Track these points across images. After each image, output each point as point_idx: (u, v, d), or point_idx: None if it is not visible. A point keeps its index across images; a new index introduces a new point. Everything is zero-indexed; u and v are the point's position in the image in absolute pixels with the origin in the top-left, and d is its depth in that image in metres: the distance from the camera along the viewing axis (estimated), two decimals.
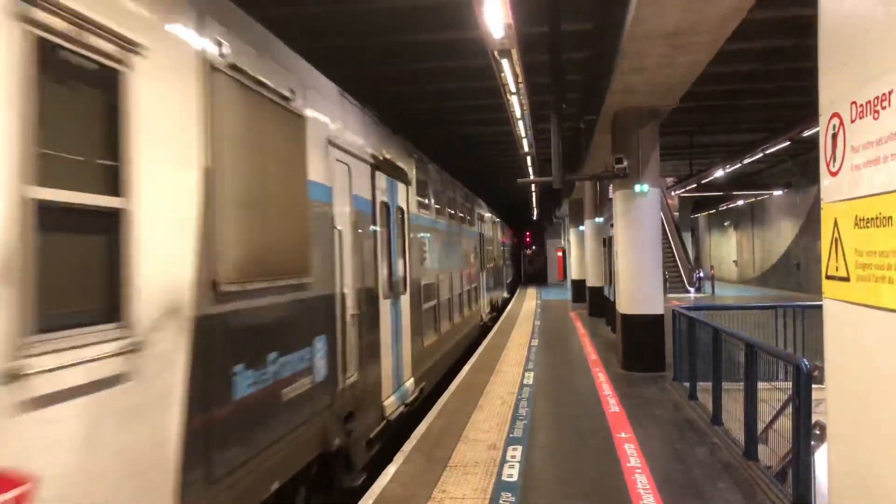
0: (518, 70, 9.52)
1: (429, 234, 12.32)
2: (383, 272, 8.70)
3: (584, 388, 11.40)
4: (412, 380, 10.27)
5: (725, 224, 47.29)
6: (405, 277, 10.13)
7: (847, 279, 3.19)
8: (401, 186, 10.10)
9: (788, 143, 20.27)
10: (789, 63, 14.44)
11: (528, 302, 32.13)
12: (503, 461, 7.41)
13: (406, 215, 10.38)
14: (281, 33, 5.85)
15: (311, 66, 6.45)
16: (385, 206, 9.01)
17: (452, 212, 15.77)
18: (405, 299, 10.02)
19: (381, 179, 8.79)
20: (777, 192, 33.65)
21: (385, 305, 8.73)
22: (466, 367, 13.70)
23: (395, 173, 9.72)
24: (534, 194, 33.99)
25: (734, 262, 45.10)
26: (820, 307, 3.58)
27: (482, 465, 7.31)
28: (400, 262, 9.83)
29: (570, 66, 13.27)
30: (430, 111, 18.64)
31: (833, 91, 3.38)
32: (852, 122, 3.15)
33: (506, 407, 10.02)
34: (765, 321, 13.22)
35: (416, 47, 13.09)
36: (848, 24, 3.23)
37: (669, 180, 35.47)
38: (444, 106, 18.22)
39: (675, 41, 8.73)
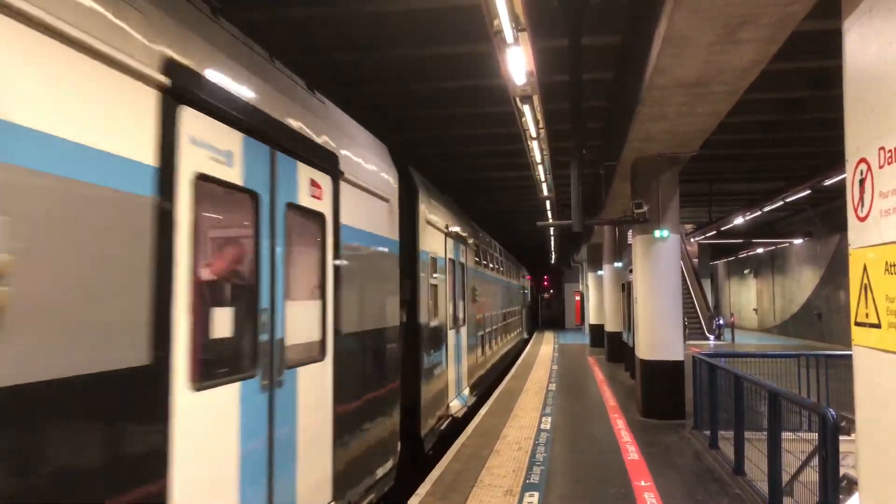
0: (539, 116, 9.68)
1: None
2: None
3: (602, 435, 11.25)
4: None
5: (745, 272, 46.93)
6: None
7: (878, 325, 3.17)
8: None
9: (809, 191, 20.24)
10: (809, 113, 14.54)
11: (546, 346, 31.90)
12: None
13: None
14: (312, 80, 6.04)
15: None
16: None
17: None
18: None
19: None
20: (797, 241, 33.44)
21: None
22: (482, 411, 13.58)
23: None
24: (552, 238, 34.03)
25: (754, 310, 44.60)
26: (845, 357, 3.55)
27: None
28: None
29: (591, 114, 13.44)
30: (452, 156, 18.88)
31: (860, 137, 3.40)
32: (880, 167, 3.16)
33: (522, 452, 9.91)
34: (787, 370, 13.04)
35: (439, 94, 13.35)
36: (874, 72, 3.26)
37: (688, 227, 35.41)
38: (467, 151, 18.46)
39: (696, 91, 8.85)
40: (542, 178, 14.60)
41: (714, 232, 30.33)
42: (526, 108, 9.27)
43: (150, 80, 3.32)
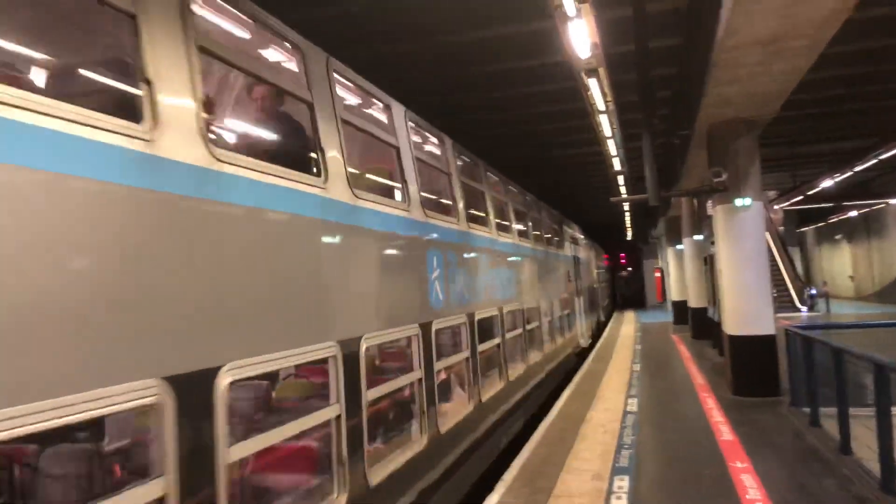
0: (606, 89, 9.34)
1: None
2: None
3: (692, 415, 10.86)
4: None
5: (837, 237, 44.63)
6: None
7: None
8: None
9: None
10: None
11: (626, 326, 31.24)
12: (610, 492, 7.09)
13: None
14: (374, 71, 6.04)
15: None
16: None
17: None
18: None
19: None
20: (894, 201, 31.47)
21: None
22: (565, 395, 13.36)
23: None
24: (627, 214, 33.19)
25: (850, 277, 42.37)
26: None
27: (588, 496, 7.02)
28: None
29: (660, 82, 12.93)
30: (517, 136, 18.61)
31: None
32: None
33: (609, 435, 9.65)
34: (892, 340, 12.22)
35: (502, 75, 13.12)
36: None
37: (772, 193, 33.86)
38: (531, 130, 18.14)
39: (771, 48, 8.32)
40: (614, 153, 14.17)
41: (800, 197, 28.86)
42: (592, 82, 8.95)
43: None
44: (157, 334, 3.08)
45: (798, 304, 32.03)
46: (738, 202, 11.86)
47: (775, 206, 35.10)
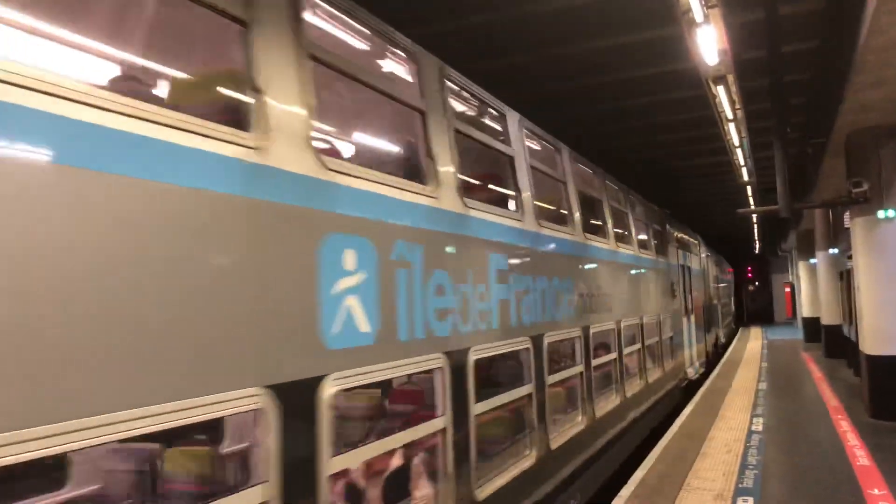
0: (735, 96, 9.07)
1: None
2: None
3: (823, 437, 10.28)
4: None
5: None
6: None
7: None
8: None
9: None
10: None
11: (753, 342, 29.78)
12: None
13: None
14: (492, 83, 6.13)
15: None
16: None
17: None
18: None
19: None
20: None
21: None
22: (687, 411, 12.97)
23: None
24: (755, 226, 31.68)
25: None
26: None
27: None
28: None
29: (792, 88, 12.35)
30: (638, 146, 18.26)
31: None
32: None
33: (732, 455, 9.32)
34: None
35: (623, 84, 12.95)
36: None
37: None
38: (654, 140, 17.74)
39: None
40: (742, 163, 13.64)
41: None
42: (720, 89, 8.73)
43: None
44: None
45: None
46: (881, 214, 11.13)
47: None
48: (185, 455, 3.58)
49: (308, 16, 3.76)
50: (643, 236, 12.85)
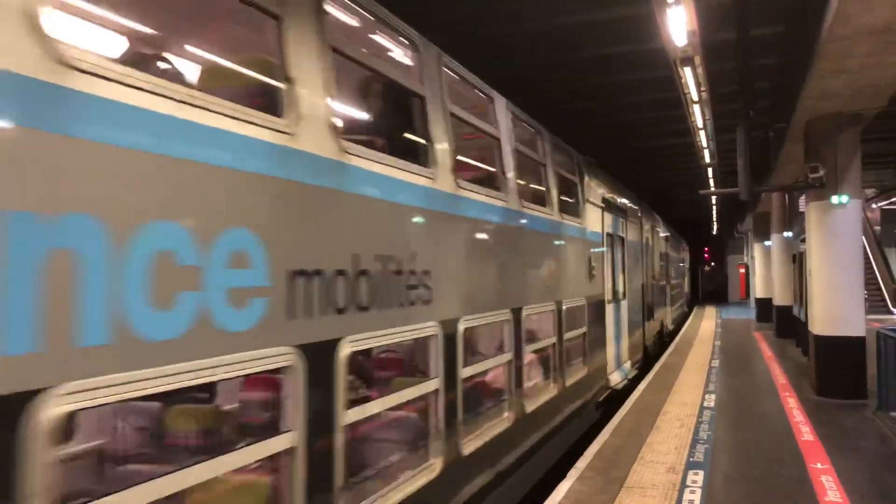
0: (701, 78, 9.18)
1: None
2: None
3: (772, 414, 10.64)
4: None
5: None
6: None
7: None
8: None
9: None
10: None
11: (707, 321, 30.50)
12: (683, 485, 7.09)
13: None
14: (468, 54, 6.13)
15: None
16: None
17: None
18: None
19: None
20: None
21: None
22: (641, 387, 13.27)
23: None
24: (714, 208, 32.29)
25: None
26: None
27: (661, 487, 7.04)
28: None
29: (758, 73, 12.53)
30: (605, 126, 18.38)
31: None
32: None
33: (685, 430, 9.59)
34: None
35: (591, 62, 12.99)
36: None
37: (869, 192, 32.23)
38: (621, 120, 17.87)
39: (886, 38, 7.95)
40: (704, 145, 13.86)
41: None
42: (687, 71, 8.82)
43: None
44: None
45: (891, 307, 30.62)
46: (835, 199, 11.44)
47: (873, 205, 33.41)
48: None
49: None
50: (539, 186, 8.66)
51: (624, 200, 14.41)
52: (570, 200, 9.87)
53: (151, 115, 2.62)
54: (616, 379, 12.23)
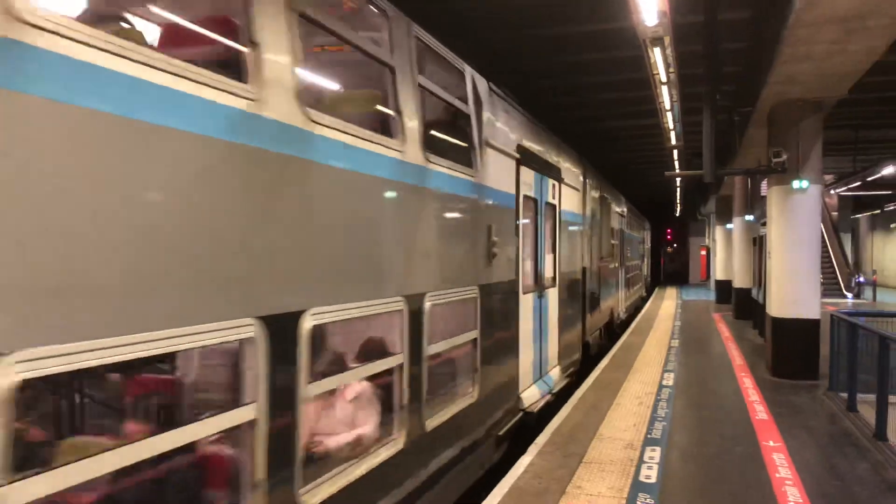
0: (670, 59, 9.20)
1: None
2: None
3: (728, 393, 10.89)
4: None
5: (892, 226, 43.31)
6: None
7: None
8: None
9: None
10: None
11: (668, 301, 31.02)
12: (641, 461, 7.23)
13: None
14: (433, 29, 6.02)
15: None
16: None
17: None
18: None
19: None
20: None
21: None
22: (603, 363, 13.46)
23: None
24: (678, 189, 32.65)
25: None
26: None
27: (619, 463, 7.18)
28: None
29: (726, 56, 12.63)
30: (574, 105, 18.37)
31: None
32: None
33: (644, 407, 9.77)
34: None
35: (562, 40, 12.92)
36: None
37: (828, 178, 32.94)
38: (590, 100, 17.87)
39: (850, 26, 8.08)
40: (671, 126, 13.95)
41: (858, 183, 27.98)
42: (656, 51, 8.82)
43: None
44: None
45: (844, 291, 31.48)
46: (796, 184, 11.65)
47: (831, 191, 34.16)
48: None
49: None
50: (374, 104, 5.29)
51: (558, 157, 10.73)
52: (455, 141, 6.61)
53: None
54: (533, 396, 8.68)
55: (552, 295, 10.11)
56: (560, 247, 10.62)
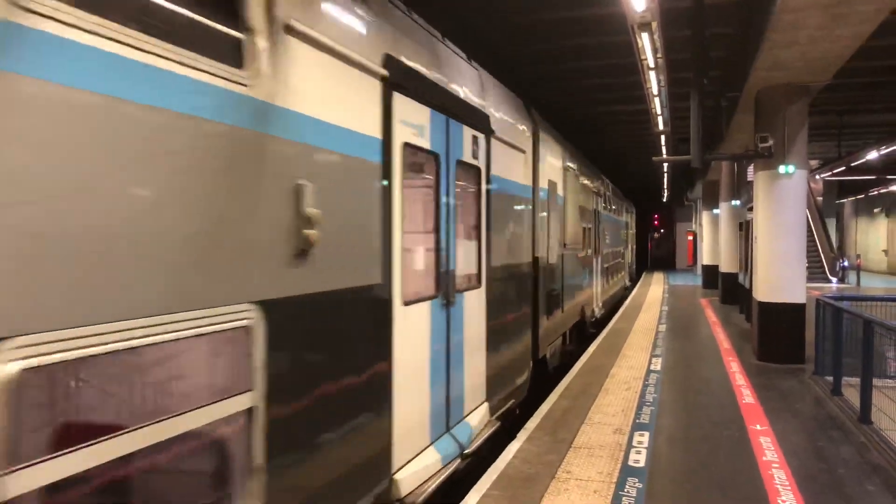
0: (658, 44, 9.19)
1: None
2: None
3: (715, 377, 10.98)
4: None
5: (875, 210, 43.73)
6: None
7: None
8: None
9: None
10: None
11: (655, 287, 31.19)
12: (629, 446, 7.28)
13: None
14: (421, 13, 5.96)
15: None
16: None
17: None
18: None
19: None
20: None
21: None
22: (591, 349, 13.53)
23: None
24: (665, 175, 32.75)
25: (884, 251, 41.67)
26: None
27: (608, 448, 7.22)
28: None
29: (714, 41, 12.64)
30: (564, 91, 18.33)
31: None
32: None
33: (632, 392, 9.83)
34: None
35: (552, 25, 12.88)
36: None
37: (814, 163, 33.16)
38: (579, 85, 17.84)
39: (836, 11, 8.10)
40: (658, 112, 13.96)
41: (843, 168, 28.19)
42: (644, 37, 8.81)
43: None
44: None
45: (829, 275, 31.79)
46: (782, 169, 11.71)
47: (817, 176, 34.40)
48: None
49: None
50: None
51: (482, 97, 7.15)
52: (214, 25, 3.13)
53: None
54: (425, 470, 5.42)
55: (473, 301, 6.77)
56: (490, 229, 7.23)
